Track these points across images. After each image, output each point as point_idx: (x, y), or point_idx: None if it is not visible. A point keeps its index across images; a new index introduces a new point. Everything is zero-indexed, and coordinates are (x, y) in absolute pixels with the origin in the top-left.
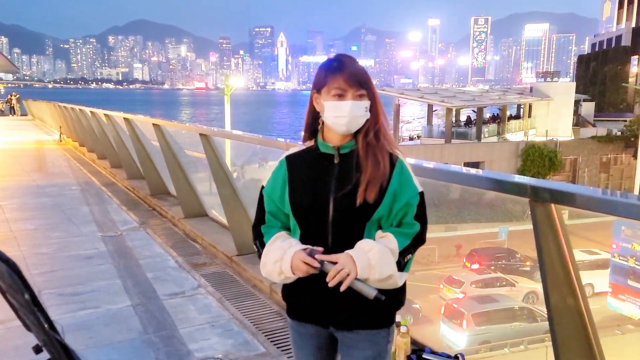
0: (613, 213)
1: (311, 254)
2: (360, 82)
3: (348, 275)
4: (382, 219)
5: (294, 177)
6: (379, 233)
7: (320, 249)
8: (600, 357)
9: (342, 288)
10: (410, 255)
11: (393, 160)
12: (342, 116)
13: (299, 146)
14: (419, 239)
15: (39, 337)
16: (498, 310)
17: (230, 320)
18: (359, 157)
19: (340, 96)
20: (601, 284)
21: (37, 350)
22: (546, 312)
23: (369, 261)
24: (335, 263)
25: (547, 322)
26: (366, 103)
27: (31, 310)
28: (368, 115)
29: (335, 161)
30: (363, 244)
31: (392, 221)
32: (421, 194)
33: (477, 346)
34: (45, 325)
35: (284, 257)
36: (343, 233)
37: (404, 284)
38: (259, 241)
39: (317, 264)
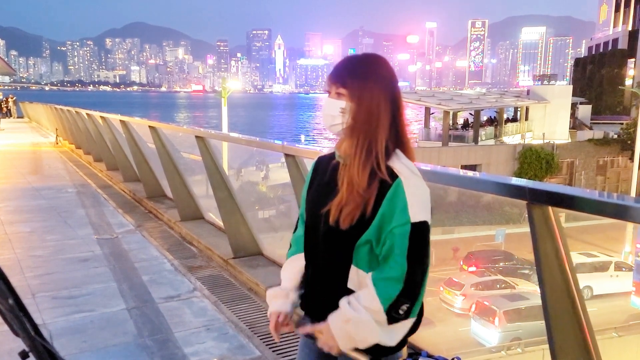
0: (611, 216)
1: (298, 321)
2: (338, 80)
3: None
4: (372, 243)
5: (314, 180)
6: (366, 279)
7: (305, 323)
8: None
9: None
10: (405, 305)
11: (389, 180)
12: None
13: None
14: (412, 284)
15: (26, 342)
16: (529, 307)
17: (226, 323)
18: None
19: (328, 92)
20: (600, 287)
21: (24, 355)
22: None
23: (348, 334)
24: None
25: None
26: (341, 103)
27: (16, 315)
28: (342, 118)
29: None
30: (342, 312)
31: (380, 250)
32: (416, 225)
33: (475, 349)
34: (31, 332)
35: (271, 301)
36: (332, 250)
37: (419, 313)
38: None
39: (295, 331)
